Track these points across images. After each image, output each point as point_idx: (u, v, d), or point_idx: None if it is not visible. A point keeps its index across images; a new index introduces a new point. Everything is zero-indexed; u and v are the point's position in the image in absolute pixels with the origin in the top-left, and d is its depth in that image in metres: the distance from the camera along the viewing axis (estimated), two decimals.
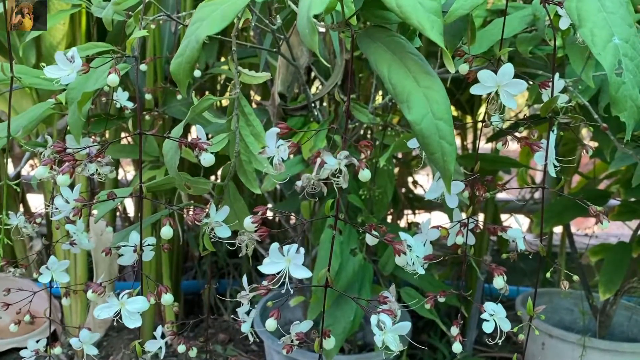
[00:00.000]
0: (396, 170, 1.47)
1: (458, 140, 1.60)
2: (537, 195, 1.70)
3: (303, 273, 0.44)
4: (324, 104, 1.08)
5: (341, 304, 0.83)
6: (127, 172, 1.65)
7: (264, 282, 0.46)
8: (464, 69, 0.50)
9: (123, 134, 1.19)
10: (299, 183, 0.42)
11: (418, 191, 1.55)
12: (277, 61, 0.93)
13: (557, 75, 0.50)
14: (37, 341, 0.65)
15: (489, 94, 0.47)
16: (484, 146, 1.41)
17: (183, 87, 0.42)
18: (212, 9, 0.40)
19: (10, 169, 1.46)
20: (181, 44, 0.42)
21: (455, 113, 1.50)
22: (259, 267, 0.44)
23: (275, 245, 0.44)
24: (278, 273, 0.44)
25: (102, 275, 1.08)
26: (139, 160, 0.51)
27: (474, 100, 1.38)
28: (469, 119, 1.44)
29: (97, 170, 0.47)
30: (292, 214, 1.10)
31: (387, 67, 0.39)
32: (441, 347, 1.25)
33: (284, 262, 0.44)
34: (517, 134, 0.54)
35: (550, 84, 0.50)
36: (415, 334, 1.31)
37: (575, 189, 1.51)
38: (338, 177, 0.42)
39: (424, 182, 1.70)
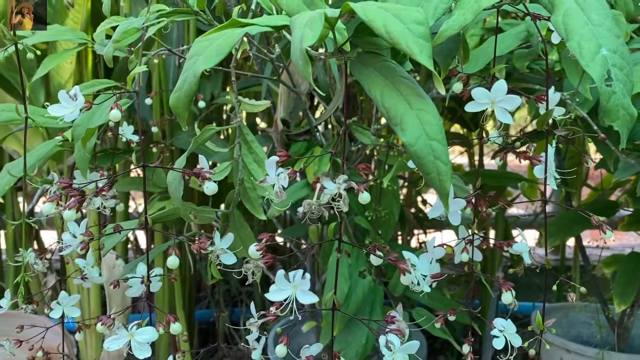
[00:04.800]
0: (404, 190, 1.47)
1: (465, 158, 1.60)
2: (549, 208, 1.69)
3: (310, 299, 0.44)
4: (329, 126, 1.09)
5: (352, 328, 0.83)
6: (139, 204, 1.66)
7: (272, 309, 0.47)
8: (457, 87, 0.51)
9: (132, 167, 1.20)
10: (300, 209, 0.43)
11: (428, 210, 1.54)
12: (279, 88, 0.95)
13: (552, 89, 0.50)
14: None
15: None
16: (491, 162, 1.41)
17: (183, 120, 0.43)
18: (208, 43, 0.41)
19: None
20: (179, 78, 0.43)
21: (460, 130, 1.51)
22: (266, 295, 0.45)
23: (281, 272, 0.44)
24: (285, 300, 0.45)
25: (115, 308, 1.08)
26: (144, 192, 0.52)
27: (478, 117, 1.39)
28: (474, 136, 1.44)
29: (102, 203, 0.48)
30: (301, 238, 1.10)
31: (380, 91, 0.40)
32: None
33: (291, 288, 0.44)
34: (517, 149, 0.55)
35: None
36: (431, 355, 1.29)
37: (586, 201, 1.50)
38: (338, 201, 0.42)
39: (433, 200, 1.70)
